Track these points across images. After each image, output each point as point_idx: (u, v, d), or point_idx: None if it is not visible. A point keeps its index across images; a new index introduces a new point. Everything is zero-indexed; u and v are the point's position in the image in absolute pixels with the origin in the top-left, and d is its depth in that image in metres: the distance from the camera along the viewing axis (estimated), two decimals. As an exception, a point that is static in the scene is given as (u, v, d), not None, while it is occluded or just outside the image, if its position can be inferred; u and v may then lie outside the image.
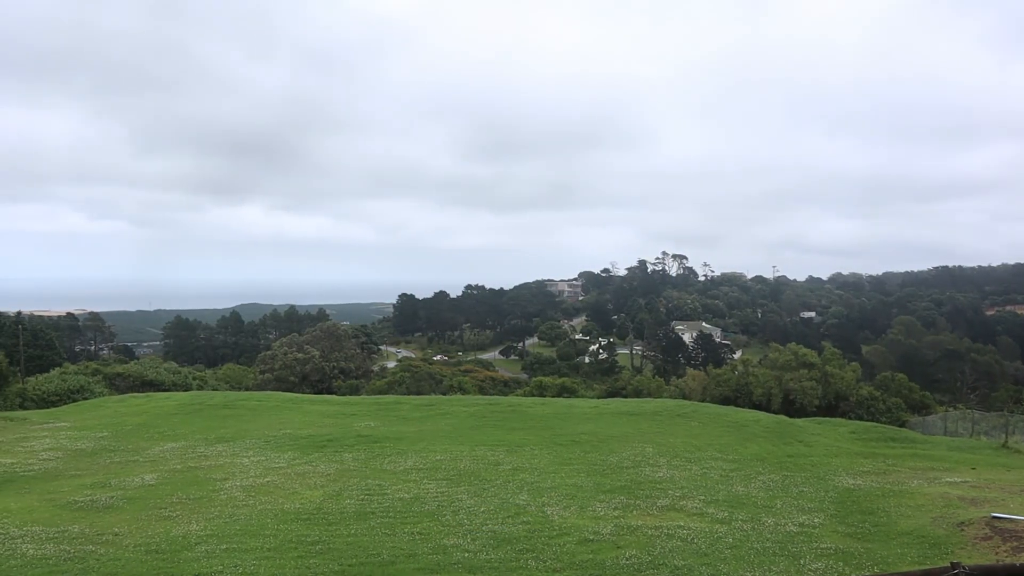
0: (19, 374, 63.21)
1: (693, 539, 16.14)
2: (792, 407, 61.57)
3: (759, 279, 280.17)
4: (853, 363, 77.20)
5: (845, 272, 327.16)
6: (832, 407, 63.58)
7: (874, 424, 39.21)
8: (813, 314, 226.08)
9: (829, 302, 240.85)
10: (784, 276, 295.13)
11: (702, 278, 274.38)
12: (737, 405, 50.54)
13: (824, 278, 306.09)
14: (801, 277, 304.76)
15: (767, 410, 49.59)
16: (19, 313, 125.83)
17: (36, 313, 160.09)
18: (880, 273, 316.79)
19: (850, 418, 48.00)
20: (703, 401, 53.80)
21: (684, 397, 64.15)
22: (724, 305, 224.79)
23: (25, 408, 51.66)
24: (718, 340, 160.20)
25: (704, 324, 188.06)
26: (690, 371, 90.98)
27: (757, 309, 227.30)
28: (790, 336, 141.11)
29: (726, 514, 18.37)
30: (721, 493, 20.76)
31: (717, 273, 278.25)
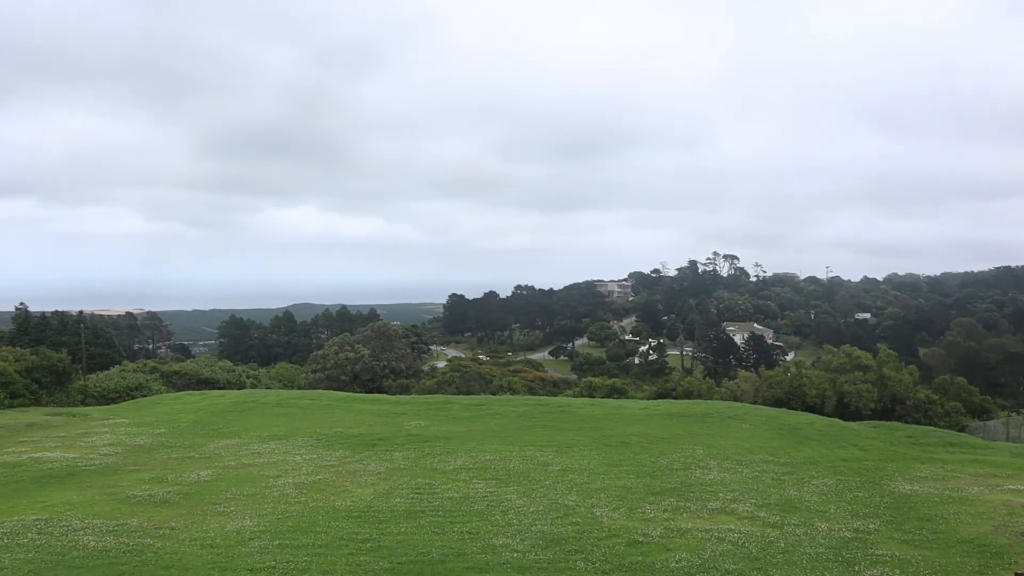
0: (81, 371, 64.89)
1: (744, 543, 15.95)
2: (846, 410, 60.39)
3: (812, 280, 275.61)
4: (910, 366, 75.43)
5: (901, 272, 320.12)
6: (888, 411, 62.21)
7: (932, 428, 38.31)
8: (868, 315, 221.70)
9: (885, 303, 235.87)
10: (838, 277, 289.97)
11: (754, 279, 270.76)
12: (789, 408, 49.71)
13: (879, 279, 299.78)
14: (855, 278, 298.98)
15: (820, 413, 48.69)
16: (81, 312, 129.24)
17: (97, 312, 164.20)
18: (938, 273, 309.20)
19: (907, 422, 46.89)
20: (754, 403, 53.07)
21: (735, 399, 63.32)
22: (776, 306, 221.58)
23: (86, 404, 53.07)
24: (770, 341, 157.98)
25: (756, 325, 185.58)
26: (741, 373, 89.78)
27: (810, 310, 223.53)
28: (844, 338, 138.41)
29: (778, 518, 18.11)
30: (773, 497, 20.47)
31: (769, 274, 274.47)
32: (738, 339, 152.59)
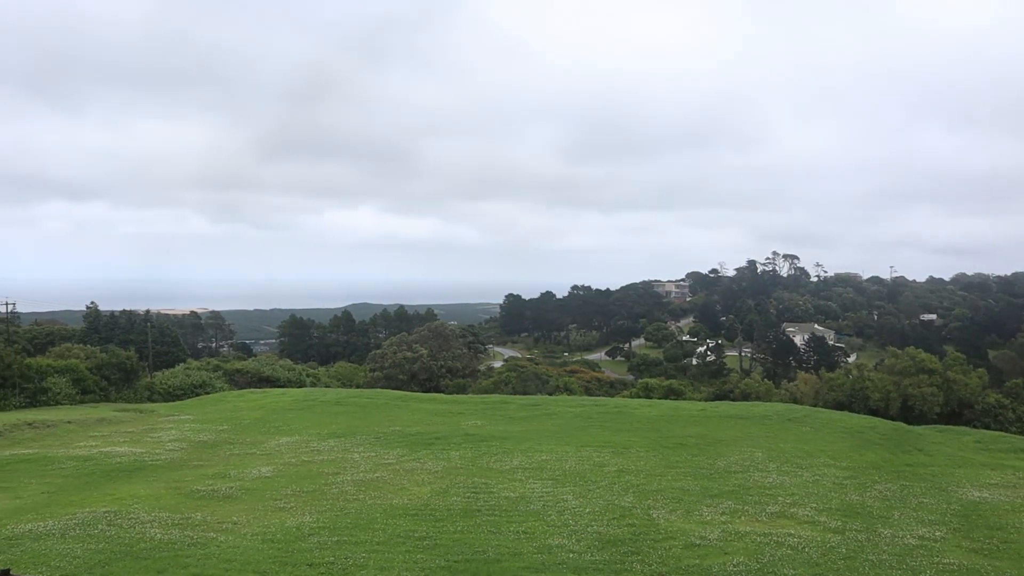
0: (147, 369, 66.70)
1: (804, 548, 15.69)
2: (911, 414, 59.03)
3: (875, 280, 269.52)
4: (979, 369, 73.42)
5: (969, 272, 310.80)
6: (955, 415, 60.58)
7: (1002, 434, 37.16)
8: (934, 317, 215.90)
9: (952, 304, 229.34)
10: (902, 277, 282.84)
11: (814, 279, 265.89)
12: (851, 411, 48.78)
13: (946, 279, 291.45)
14: (921, 278, 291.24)
15: (884, 416, 47.65)
16: (148, 312, 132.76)
17: (163, 312, 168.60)
18: (1009, 273, 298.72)
19: (975, 427, 45.67)
20: (815, 406, 52.15)
21: (795, 401, 62.33)
22: (838, 307, 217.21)
23: (153, 401, 54.50)
24: (831, 343, 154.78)
25: (816, 326, 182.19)
26: (801, 375, 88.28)
27: (873, 311, 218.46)
28: (909, 339, 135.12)
29: (839, 523, 17.78)
30: (834, 501, 20.10)
31: (830, 274, 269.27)
32: (798, 340, 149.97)
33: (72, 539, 16.15)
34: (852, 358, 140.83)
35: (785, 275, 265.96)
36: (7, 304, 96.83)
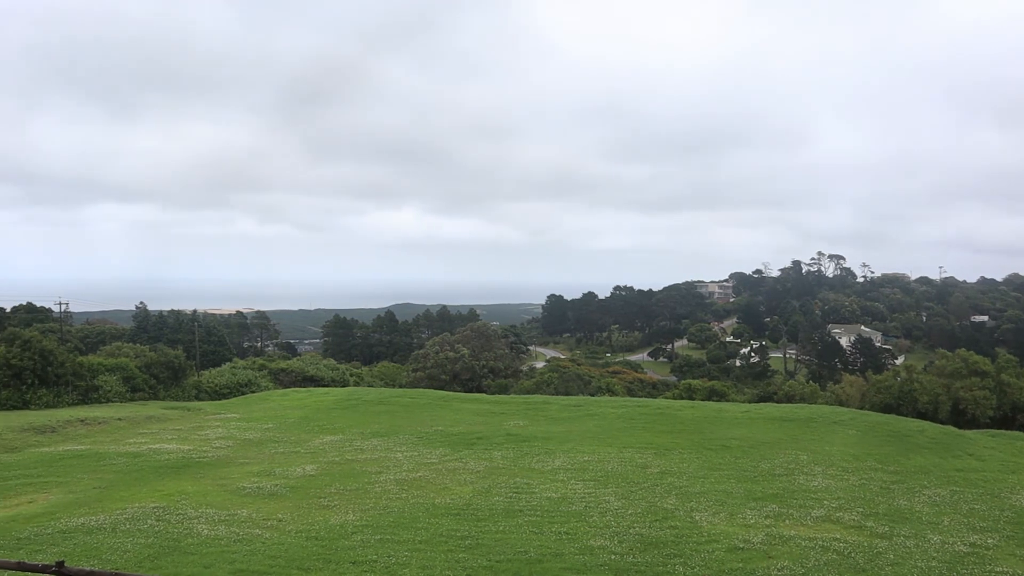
0: (195, 368, 67.82)
1: (850, 553, 15.46)
2: (962, 418, 57.82)
3: (924, 280, 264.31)
4: (1032, 372, 71.59)
5: (1023, 272, 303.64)
6: (1008, 419, 59.22)
7: (1056, 438, 36.23)
8: (986, 318, 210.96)
9: (1004, 305, 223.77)
10: (952, 277, 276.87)
11: (860, 279, 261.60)
12: (899, 414, 47.90)
13: (998, 279, 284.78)
14: (971, 278, 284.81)
15: (933, 420, 46.76)
16: (195, 311, 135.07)
17: (209, 311, 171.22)
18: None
19: (1029, 431, 44.54)
20: (861, 408, 51.29)
21: (840, 404, 61.39)
22: (885, 308, 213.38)
23: (200, 399, 55.42)
24: (878, 344, 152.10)
25: (863, 327, 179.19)
26: (847, 377, 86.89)
27: (921, 312, 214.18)
28: (959, 341, 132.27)
29: (887, 529, 17.48)
30: (881, 506, 19.77)
31: (877, 274, 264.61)
32: (844, 342, 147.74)
33: (123, 533, 16.51)
34: (900, 360, 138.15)
35: (831, 275, 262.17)
36: (60, 304, 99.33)
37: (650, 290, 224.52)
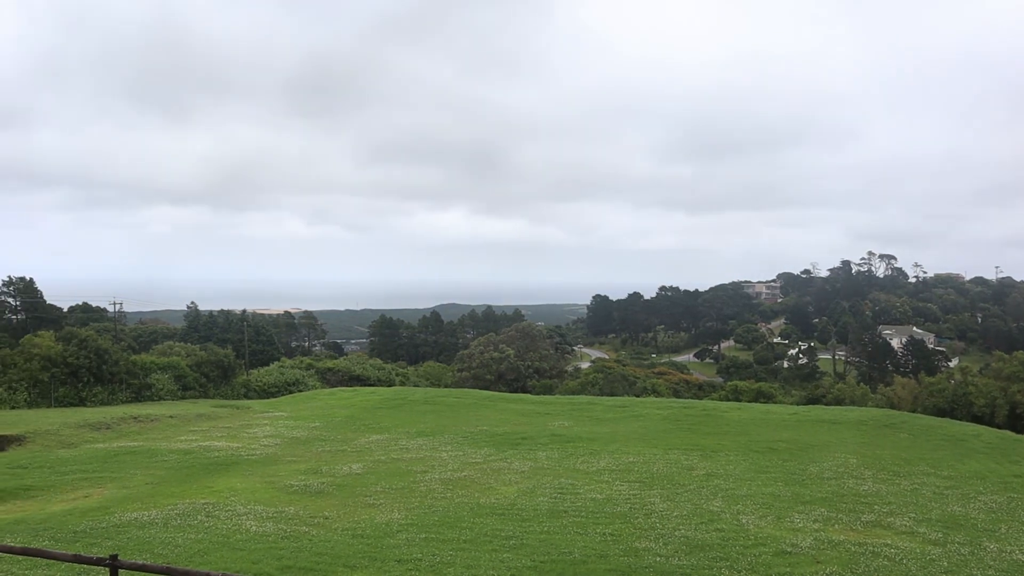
0: (244, 367, 68.92)
1: (902, 559, 15.14)
2: (1020, 422, 56.38)
3: (979, 280, 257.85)
4: (1094, 375, 69.49)
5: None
6: (1067, 423, 57.55)
7: (1118, 444, 35.15)
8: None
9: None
10: (1009, 277, 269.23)
11: (912, 280, 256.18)
12: (953, 417, 46.89)
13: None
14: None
15: (989, 424, 45.65)
16: (244, 311, 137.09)
17: (258, 311, 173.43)
18: None
19: (1089, 436, 43.29)
20: (913, 412, 50.34)
21: (891, 407, 60.24)
22: (938, 309, 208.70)
23: (248, 398, 56.32)
24: (931, 346, 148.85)
25: (915, 329, 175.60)
26: (898, 379, 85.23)
27: (976, 313, 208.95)
28: (1016, 343, 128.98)
29: (940, 535, 17.09)
30: (934, 512, 19.34)
31: (930, 274, 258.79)
32: (895, 343, 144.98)
33: (174, 528, 16.83)
34: (954, 362, 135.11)
35: (881, 276, 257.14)
36: (115, 304, 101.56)
37: (696, 290, 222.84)
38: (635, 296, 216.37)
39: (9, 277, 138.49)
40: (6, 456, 27.41)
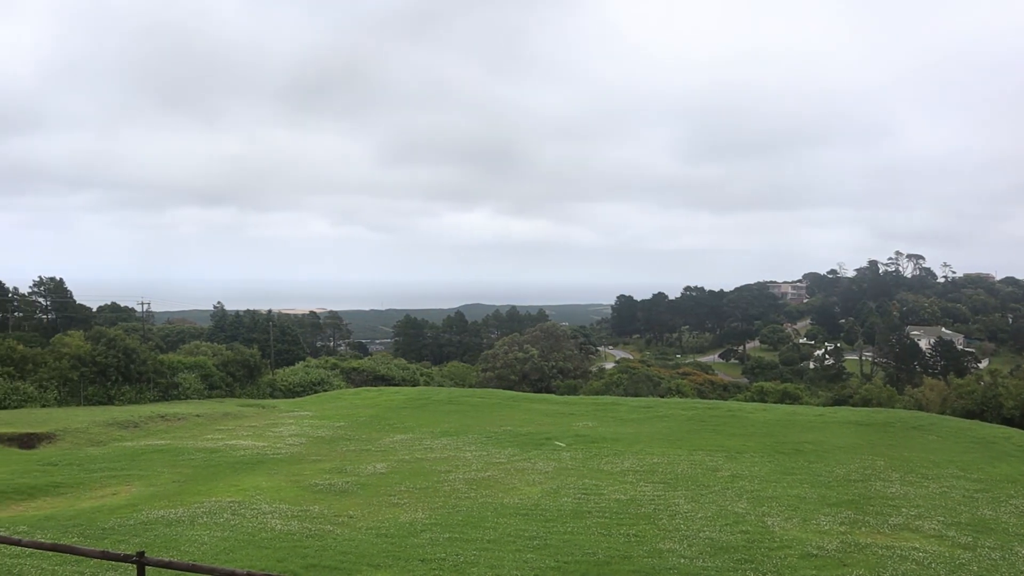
0: (269, 366, 69.41)
1: (930, 563, 14.95)
2: (1051, 424, 55.50)
3: (1010, 280, 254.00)
4: None
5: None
6: (1100, 426, 56.65)
7: None
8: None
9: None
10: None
11: (941, 280, 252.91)
12: (983, 420, 46.24)
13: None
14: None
15: (1020, 427, 44.96)
16: (269, 311, 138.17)
17: (284, 311, 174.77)
18: None
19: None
20: (942, 414, 49.72)
21: (920, 408, 59.55)
22: (967, 309, 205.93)
23: (274, 397, 56.70)
24: (960, 347, 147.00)
25: (943, 330, 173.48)
26: (927, 380, 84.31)
27: (1008, 314, 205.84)
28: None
29: (970, 539, 16.85)
30: (964, 515, 19.08)
31: (959, 274, 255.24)
32: (923, 344, 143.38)
33: (200, 526, 16.97)
34: (984, 364, 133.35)
35: (909, 276, 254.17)
36: (143, 303, 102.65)
37: (721, 291, 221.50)
38: (660, 296, 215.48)
39: (39, 277, 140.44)
40: (37, 453, 27.81)
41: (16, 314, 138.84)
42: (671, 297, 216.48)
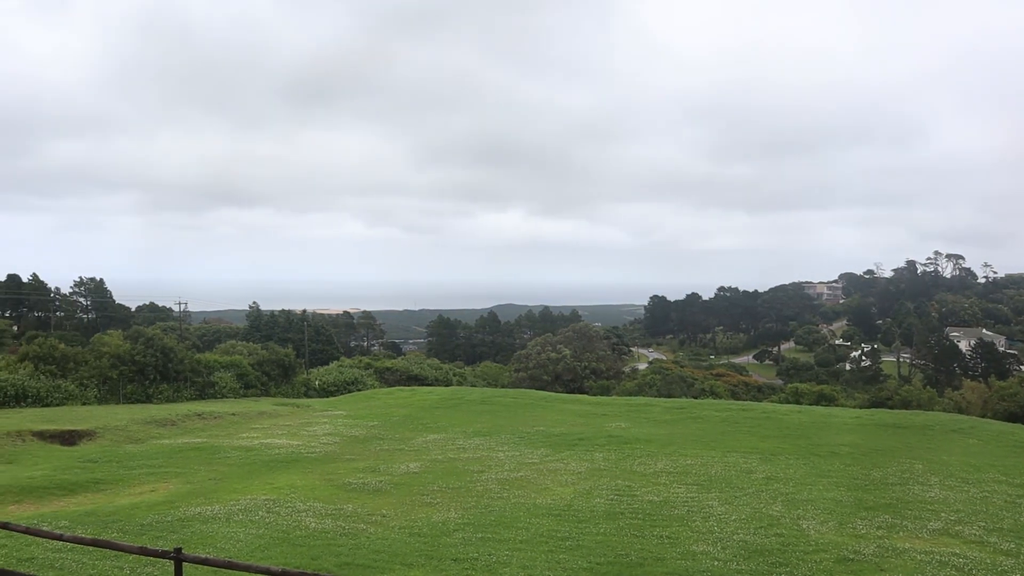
0: (304, 366, 70.01)
1: (971, 570, 14.69)
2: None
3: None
4: None
5: None
6: None
7: None
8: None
9: None
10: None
11: (982, 280, 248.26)
12: (1026, 423, 45.38)
13: None
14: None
15: (1063, 430, 44.06)
16: (304, 311, 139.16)
17: (318, 311, 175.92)
18: None
19: None
20: (983, 416, 48.91)
21: (959, 411, 58.61)
22: (1009, 310, 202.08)
23: (308, 396, 57.16)
24: (1002, 349, 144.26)
25: (984, 331, 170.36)
26: (967, 383, 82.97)
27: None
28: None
29: (1012, 546, 16.52)
30: (1006, 521, 18.70)
31: (1001, 275, 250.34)
32: (963, 346, 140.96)
33: (236, 523, 17.16)
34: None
35: (948, 276, 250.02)
36: (180, 304, 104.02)
37: (755, 291, 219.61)
38: (693, 297, 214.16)
39: (80, 278, 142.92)
40: (78, 450, 28.30)
41: (58, 313, 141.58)
42: (705, 298, 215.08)
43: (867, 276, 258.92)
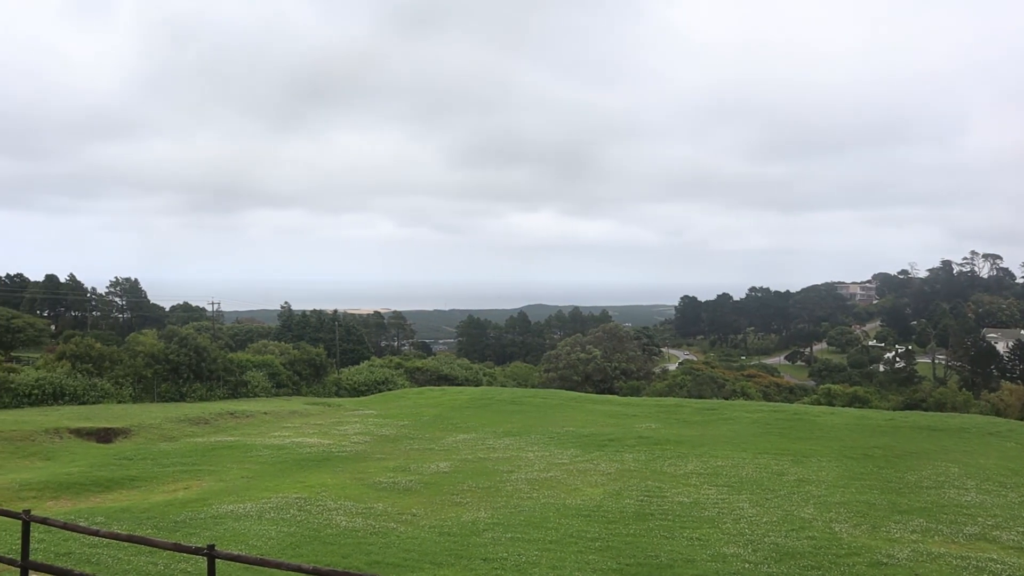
0: (335, 365, 70.48)
1: None
2: None
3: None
4: None
5: None
6: None
7: None
8: None
9: None
10: None
11: (1020, 280, 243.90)
12: (1065, 426, 44.52)
13: None
14: None
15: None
16: (335, 311, 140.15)
17: (349, 311, 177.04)
18: None
19: None
20: (1022, 420, 48.04)
21: (997, 414, 57.63)
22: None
23: (339, 396, 57.55)
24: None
25: (1023, 332, 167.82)
26: (1005, 385, 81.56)
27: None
28: None
29: (1050, 549, 16.24)
30: (1044, 525, 18.37)
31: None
32: (1001, 347, 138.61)
33: (267, 521, 17.33)
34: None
35: (985, 276, 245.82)
36: (213, 303, 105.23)
37: (787, 291, 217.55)
38: (724, 297, 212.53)
39: (116, 278, 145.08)
40: (113, 448, 28.74)
41: (94, 313, 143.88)
42: (736, 298, 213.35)
43: (901, 276, 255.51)
